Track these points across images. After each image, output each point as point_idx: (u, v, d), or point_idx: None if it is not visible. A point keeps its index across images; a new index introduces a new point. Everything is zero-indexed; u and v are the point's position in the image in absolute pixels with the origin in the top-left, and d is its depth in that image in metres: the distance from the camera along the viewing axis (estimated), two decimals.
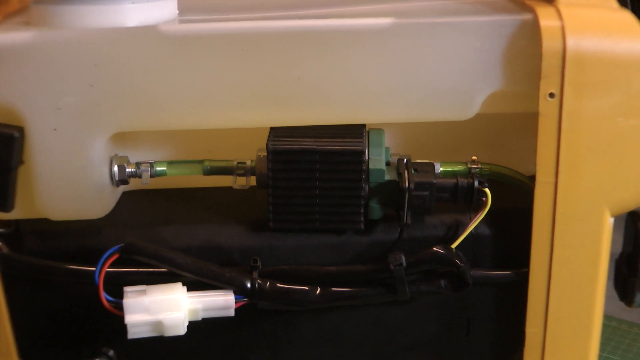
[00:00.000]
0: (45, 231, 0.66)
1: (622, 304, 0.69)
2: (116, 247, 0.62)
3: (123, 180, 0.67)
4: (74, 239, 0.65)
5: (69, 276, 0.64)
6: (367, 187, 0.64)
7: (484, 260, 0.66)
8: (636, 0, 1.58)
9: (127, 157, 0.67)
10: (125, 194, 0.71)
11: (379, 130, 0.67)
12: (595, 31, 0.60)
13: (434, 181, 0.63)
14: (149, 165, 0.67)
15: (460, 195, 0.64)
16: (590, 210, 0.62)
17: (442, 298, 0.67)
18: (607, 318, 1.22)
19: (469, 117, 0.64)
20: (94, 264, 0.62)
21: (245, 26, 0.61)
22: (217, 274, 0.63)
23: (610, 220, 0.63)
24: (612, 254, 0.65)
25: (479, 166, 0.67)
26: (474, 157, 0.67)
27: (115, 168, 0.66)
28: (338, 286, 0.65)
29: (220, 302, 0.63)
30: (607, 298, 0.68)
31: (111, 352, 0.67)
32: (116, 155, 0.67)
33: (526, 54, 0.61)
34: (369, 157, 0.64)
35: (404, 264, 0.63)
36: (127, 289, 0.62)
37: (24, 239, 0.65)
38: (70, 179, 0.63)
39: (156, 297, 0.61)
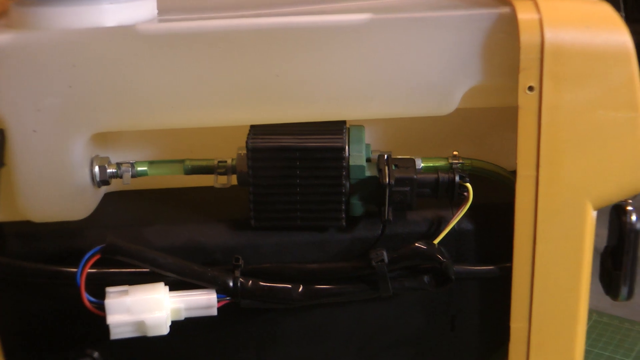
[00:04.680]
0: (28, 233, 0.65)
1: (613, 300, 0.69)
2: (97, 247, 0.62)
3: (104, 181, 0.66)
4: (57, 241, 0.65)
5: (52, 278, 0.64)
6: (347, 184, 0.64)
7: (466, 256, 0.66)
8: None
9: (108, 157, 0.67)
10: (107, 195, 0.71)
11: (359, 126, 0.67)
12: (573, 23, 0.60)
13: (415, 177, 0.63)
14: (129, 165, 0.67)
15: (441, 191, 0.64)
16: (572, 203, 0.62)
17: (425, 294, 0.67)
18: (599, 314, 1.22)
19: (448, 112, 0.64)
20: (76, 265, 0.62)
21: (223, 24, 0.61)
22: (199, 273, 0.63)
23: (593, 214, 0.63)
24: (596, 248, 0.65)
25: (460, 161, 0.67)
26: (455, 152, 0.67)
27: (96, 169, 0.66)
28: (321, 283, 0.65)
29: (202, 301, 0.63)
30: (598, 294, 0.68)
31: (96, 354, 0.67)
32: (97, 156, 0.67)
33: (504, 47, 0.61)
34: (349, 154, 0.64)
35: (386, 260, 0.63)
36: (109, 289, 0.62)
37: (6, 241, 0.65)
38: (52, 181, 0.63)
39: (138, 297, 0.61)
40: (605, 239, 0.68)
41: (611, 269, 0.67)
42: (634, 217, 0.65)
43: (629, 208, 0.65)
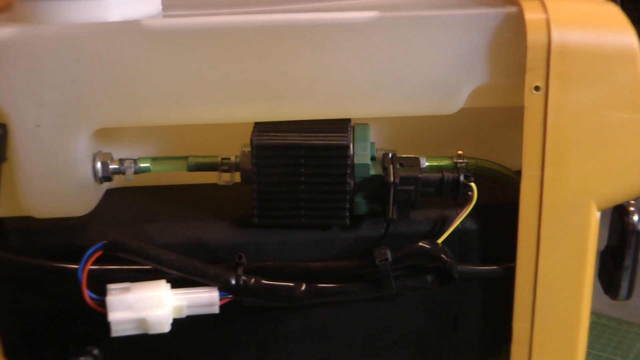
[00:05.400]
0: (29, 229, 0.65)
1: (611, 301, 0.69)
2: (99, 244, 0.61)
3: (106, 177, 0.66)
4: (58, 237, 0.65)
5: (53, 274, 0.64)
6: (352, 182, 0.64)
7: (470, 255, 0.66)
8: None
9: (110, 153, 0.67)
10: (109, 192, 0.71)
11: (364, 124, 0.67)
12: (580, 24, 0.60)
13: (420, 175, 0.63)
14: (132, 161, 0.67)
15: (446, 190, 0.64)
16: (577, 204, 0.62)
17: (428, 293, 0.66)
18: (597, 315, 1.22)
19: (454, 111, 0.63)
20: (78, 262, 0.61)
21: (228, 20, 0.61)
22: (202, 270, 0.63)
23: (597, 214, 0.63)
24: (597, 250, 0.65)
25: (465, 160, 0.66)
26: (459, 152, 0.67)
27: (99, 164, 0.65)
28: (324, 282, 0.65)
29: (204, 299, 0.62)
30: (597, 295, 0.68)
31: (96, 351, 0.67)
32: (99, 151, 0.66)
33: (511, 47, 0.61)
34: (354, 152, 0.64)
35: (390, 259, 0.63)
36: (110, 286, 0.61)
37: (7, 237, 0.65)
38: (54, 176, 0.63)
39: (140, 295, 0.61)
40: (605, 240, 0.68)
41: (612, 269, 0.67)
42: (636, 218, 0.65)
43: (631, 209, 0.66)
